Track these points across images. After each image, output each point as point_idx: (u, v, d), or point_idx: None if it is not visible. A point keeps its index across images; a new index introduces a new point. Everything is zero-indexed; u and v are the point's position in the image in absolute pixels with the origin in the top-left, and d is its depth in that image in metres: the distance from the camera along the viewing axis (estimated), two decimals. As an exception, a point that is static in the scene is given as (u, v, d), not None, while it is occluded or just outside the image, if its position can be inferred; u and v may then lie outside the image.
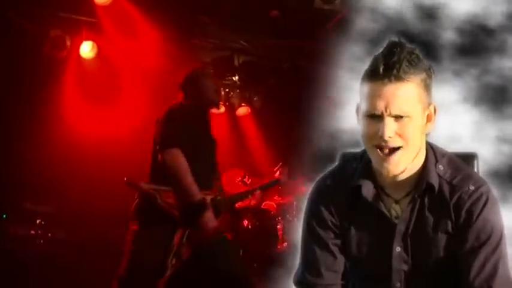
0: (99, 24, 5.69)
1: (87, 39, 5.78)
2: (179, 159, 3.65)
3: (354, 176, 1.92)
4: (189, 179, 3.68)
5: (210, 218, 3.72)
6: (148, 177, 3.88)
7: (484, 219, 1.78)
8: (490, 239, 1.77)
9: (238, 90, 7.48)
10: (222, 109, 7.44)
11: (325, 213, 1.96)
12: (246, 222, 5.89)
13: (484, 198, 1.80)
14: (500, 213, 1.84)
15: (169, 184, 3.70)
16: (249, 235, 5.78)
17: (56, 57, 5.65)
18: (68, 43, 5.62)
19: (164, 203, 3.69)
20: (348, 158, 2.04)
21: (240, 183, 6.21)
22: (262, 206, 6.40)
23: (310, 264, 1.99)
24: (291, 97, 7.09)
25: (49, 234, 5.13)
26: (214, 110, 6.78)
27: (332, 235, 1.96)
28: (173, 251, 3.70)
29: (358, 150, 1.99)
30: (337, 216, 1.95)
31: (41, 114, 5.66)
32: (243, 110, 7.49)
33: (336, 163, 2.12)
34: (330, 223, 1.96)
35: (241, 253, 5.71)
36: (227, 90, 7.39)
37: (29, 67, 5.56)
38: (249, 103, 7.49)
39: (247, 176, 6.17)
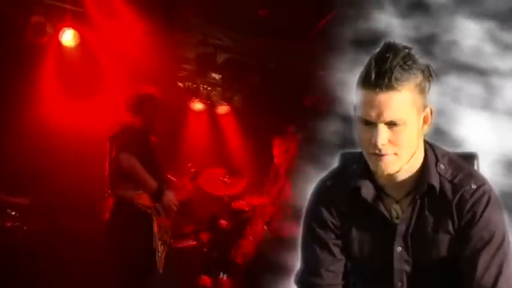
0: (83, 13, 5.59)
1: (69, 27, 5.63)
2: (133, 160, 4.32)
3: (353, 177, 1.91)
4: (144, 173, 4.39)
5: (171, 195, 4.57)
6: (109, 183, 4.47)
7: (487, 219, 1.78)
8: (494, 238, 1.78)
9: (219, 89, 7.38)
10: (203, 107, 7.35)
11: (326, 214, 1.96)
12: (223, 223, 5.83)
13: (486, 197, 1.80)
14: (502, 213, 1.83)
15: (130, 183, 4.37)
16: (227, 235, 5.71)
17: (36, 44, 5.51)
18: (49, 30, 5.47)
19: (139, 204, 4.41)
20: (347, 159, 2.04)
21: (220, 182, 6.15)
22: (234, 206, 6.34)
23: (310, 264, 1.99)
24: (273, 97, 7.05)
25: (24, 228, 5.01)
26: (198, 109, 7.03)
27: (332, 236, 1.96)
28: (157, 238, 4.43)
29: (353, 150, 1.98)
30: (338, 217, 1.95)
31: (18, 102, 5.52)
32: (223, 109, 7.39)
33: (336, 164, 2.09)
34: (330, 224, 1.95)
35: (221, 254, 5.67)
36: (208, 88, 7.29)
37: (8, 54, 5.41)
38: (230, 102, 7.40)
39: (227, 176, 6.12)
